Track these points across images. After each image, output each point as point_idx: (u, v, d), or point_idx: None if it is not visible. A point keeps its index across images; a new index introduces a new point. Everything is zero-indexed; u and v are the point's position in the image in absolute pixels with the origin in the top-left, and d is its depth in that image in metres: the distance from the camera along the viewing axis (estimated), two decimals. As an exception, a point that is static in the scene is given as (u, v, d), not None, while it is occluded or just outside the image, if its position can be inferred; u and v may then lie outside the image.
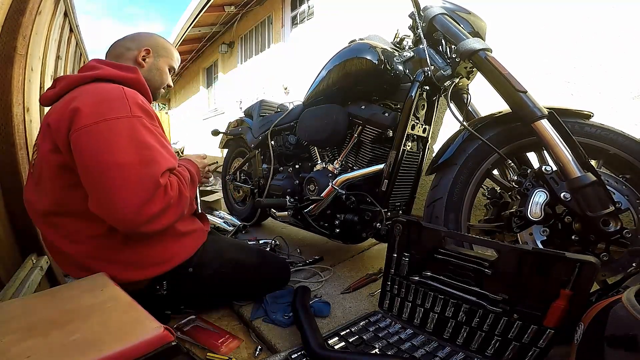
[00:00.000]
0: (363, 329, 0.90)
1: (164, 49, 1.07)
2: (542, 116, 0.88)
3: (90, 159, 0.74)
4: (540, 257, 0.72)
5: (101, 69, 0.90)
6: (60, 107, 0.80)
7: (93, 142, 0.74)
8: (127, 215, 0.74)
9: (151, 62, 1.04)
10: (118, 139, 0.75)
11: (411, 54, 1.24)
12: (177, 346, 0.51)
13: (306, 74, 2.99)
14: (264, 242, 1.65)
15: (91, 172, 0.75)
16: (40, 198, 0.84)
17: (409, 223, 0.94)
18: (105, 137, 0.75)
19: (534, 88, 1.00)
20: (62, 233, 0.84)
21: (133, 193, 0.74)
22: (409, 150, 1.25)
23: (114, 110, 0.78)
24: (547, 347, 0.70)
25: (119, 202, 0.73)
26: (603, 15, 1.44)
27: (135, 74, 0.94)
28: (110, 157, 0.74)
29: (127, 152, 0.75)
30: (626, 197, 0.85)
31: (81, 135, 0.74)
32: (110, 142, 0.75)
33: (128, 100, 0.81)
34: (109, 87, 0.83)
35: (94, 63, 0.93)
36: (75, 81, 0.86)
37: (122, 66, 0.94)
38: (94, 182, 0.75)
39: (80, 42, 2.70)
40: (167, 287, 0.90)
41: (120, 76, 0.90)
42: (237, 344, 0.93)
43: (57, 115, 0.79)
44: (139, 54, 1.01)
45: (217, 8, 4.82)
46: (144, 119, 0.82)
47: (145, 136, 0.80)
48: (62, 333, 0.51)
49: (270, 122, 1.76)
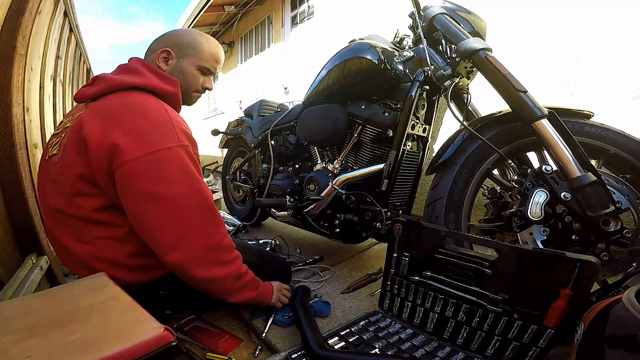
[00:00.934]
0: (363, 329, 0.90)
1: (190, 48, 0.95)
2: (542, 116, 0.88)
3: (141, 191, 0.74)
4: (540, 257, 0.72)
5: (145, 76, 0.86)
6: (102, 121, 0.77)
7: (145, 174, 0.74)
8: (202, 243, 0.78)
9: (173, 64, 0.94)
10: (170, 171, 0.76)
11: (411, 53, 1.24)
12: (177, 346, 0.51)
13: (306, 73, 2.99)
14: (264, 241, 1.65)
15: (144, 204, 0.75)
16: (54, 195, 0.85)
17: (409, 223, 0.94)
18: (158, 169, 0.75)
19: (534, 88, 1.00)
20: (69, 231, 0.84)
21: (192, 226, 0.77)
22: (409, 150, 1.25)
23: (163, 139, 0.76)
24: (547, 347, 0.70)
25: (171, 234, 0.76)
26: (603, 15, 1.43)
27: (175, 88, 0.90)
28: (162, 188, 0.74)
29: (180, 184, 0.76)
30: (626, 197, 0.85)
31: (131, 167, 0.73)
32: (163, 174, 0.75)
33: (174, 126, 0.79)
34: (153, 109, 0.80)
35: (137, 66, 0.88)
36: (116, 85, 0.83)
37: (166, 77, 0.90)
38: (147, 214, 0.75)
39: (80, 41, 2.70)
40: (168, 287, 0.90)
41: (161, 89, 0.87)
42: (237, 344, 0.92)
43: (99, 133, 0.75)
44: (157, 56, 0.93)
45: (217, 8, 4.81)
46: (189, 147, 0.81)
47: (191, 168, 0.80)
48: (62, 333, 0.51)
49: (270, 122, 1.76)
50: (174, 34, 0.98)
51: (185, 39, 0.96)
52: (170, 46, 0.94)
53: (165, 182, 0.75)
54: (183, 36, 0.97)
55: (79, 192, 0.80)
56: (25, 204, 1.16)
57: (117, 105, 0.80)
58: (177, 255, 0.77)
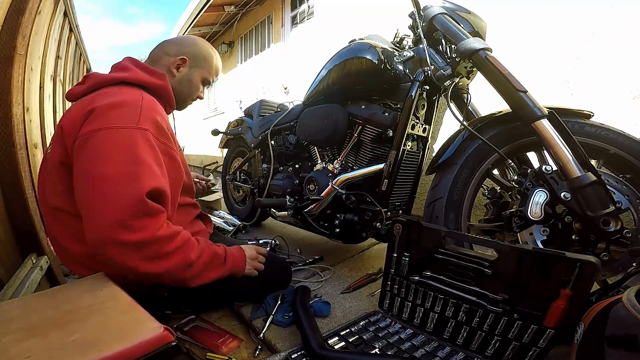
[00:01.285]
0: (363, 329, 0.90)
1: (203, 61, 1.01)
2: (542, 116, 0.88)
3: (81, 167, 0.73)
4: (540, 257, 0.72)
5: (131, 71, 0.87)
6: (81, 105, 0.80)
7: (88, 150, 0.72)
8: (98, 231, 0.69)
9: (185, 72, 0.99)
10: (111, 150, 0.72)
11: (411, 53, 1.24)
12: (177, 346, 0.51)
13: (306, 73, 2.99)
14: (264, 241, 1.65)
15: (79, 179, 0.73)
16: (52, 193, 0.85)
17: (408, 223, 0.94)
18: (100, 147, 0.72)
19: (534, 88, 1.00)
20: (68, 231, 0.84)
21: (109, 209, 0.69)
22: (409, 150, 1.25)
23: (120, 119, 0.75)
24: (547, 347, 0.70)
25: (94, 216, 0.69)
26: (603, 15, 1.43)
27: (163, 81, 0.91)
28: (97, 167, 0.71)
29: (115, 165, 0.71)
30: (626, 197, 0.85)
31: (79, 143, 0.73)
32: (103, 152, 0.72)
33: (142, 110, 0.78)
34: (131, 93, 0.81)
35: (126, 63, 0.91)
36: (103, 81, 0.85)
37: (152, 71, 0.91)
38: (79, 190, 0.73)
39: (80, 41, 2.71)
40: (168, 288, 0.89)
41: (147, 81, 0.88)
42: (237, 344, 0.92)
43: (74, 115, 0.78)
44: (173, 62, 0.96)
45: (217, 8, 4.82)
46: (149, 132, 0.78)
47: (141, 151, 0.75)
48: (62, 333, 0.51)
49: (270, 122, 1.76)
50: (192, 43, 1.01)
51: (203, 51, 1.01)
52: (188, 54, 0.98)
53: (101, 160, 0.71)
54: (201, 47, 1.01)
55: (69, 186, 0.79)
56: (25, 204, 1.16)
57: (100, 93, 0.82)
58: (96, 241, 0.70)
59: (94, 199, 0.70)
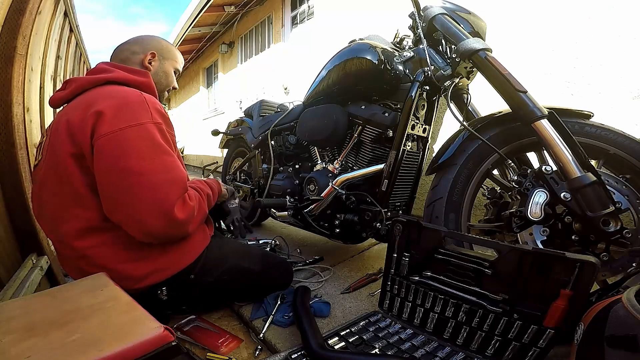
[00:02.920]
0: (363, 329, 0.90)
1: (168, 52, 1.08)
2: (542, 116, 0.88)
3: (114, 165, 0.76)
4: (540, 257, 0.72)
5: (113, 72, 0.90)
6: (81, 107, 0.80)
7: (118, 149, 0.76)
8: (153, 219, 0.76)
9: (157, 65, 1.04)
10: (140, 145, 0.77)
11: (411, 54, 1.24)
12: (177, 346, 0.51)
13: (306, 74, 2.99)
14: (264, 241, 1.65)
15: (114, 178, 0.76)
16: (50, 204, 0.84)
17: (409, 223, 0.94)
18: (129, 144, 0.76)
19: (534, 88, 1.00)
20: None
21: (159, 198, 0.77)
22: (409, 150, 1.25)
23: (136, 116, 0.79)
24: (547, 347, 0.70)
25: (144, 208, 0.76)
26: (603, 15, 1.43)
27: (147, 78, 0.95)
28: (136, 162, 0.76)
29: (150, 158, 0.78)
30: (626, 197, 0.85)
31: (106, 142, 0.76)
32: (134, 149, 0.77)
33: (149, 105, 0.82)
34: (129, 91, 0.83)
35: (103, 66, 0.93)
36: (87, 83, 0.87)
37: (134, 70, 0.95)
38: (117, 188, 0.76)
39: (80, 42, 2.71)
40: (167, 292, 0.89)
41: (133, 80, 0.90)
42: (237, 344, 0.92)
43: (80, 115, 0.78)
44: (144, 57, 1.01)
45: (217, 8, 4.82)
46: (162, 125, 0.84)
47: (163, 143, 0.82)
48: (62, 333, 0.51)
49: (270, 122, 1.76)
50: (152, 38, 1.07)
51: (163, 44, 1.08)
52: (154, 49, 1.04)
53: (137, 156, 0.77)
54: (160, 41, 1.08)
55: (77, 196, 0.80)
56: (25, 204, 1.16)
57: (93, 94, 0.83)
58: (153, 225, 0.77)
59: (140, 191, 0.76)
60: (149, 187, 0.76)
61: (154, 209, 0.76)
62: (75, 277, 0.87)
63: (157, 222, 0.77)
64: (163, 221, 0.77)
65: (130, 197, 0.76)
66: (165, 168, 0.79)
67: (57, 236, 0.86)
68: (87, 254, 0.81)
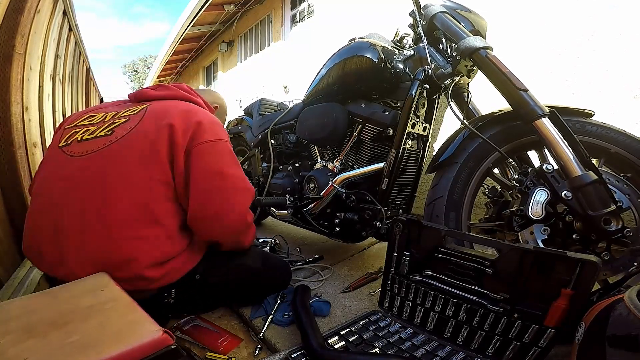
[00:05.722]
0: (363, 328, 0.90)
1: (224, 114, 1.39)
2: (543, 114, 0.87)
3: (212, 166, 0.89)
4: (541, 256, 0.72)
5: (199, 97, 1.09)
6: (182, 115, 0.91)
7: (217, 155, 0.91)
8: (238, 216, 0.93)
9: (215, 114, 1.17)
10: (229, 156, 0.95)
11: (411, 52, 1.24)
12: (176, 350, 0.51)
13: (306, 72, 2.97)
14: (264, 240, 1.64)
15: (210, 176, 0.88)
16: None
17: (409, 222, 0.94)
18: (222, 153, 0.93)
19: (535, 86, 1.00)
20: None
21: (244, 199, 0.95)
22: (409, 148, 1.24)
23: (223, 134, 0.97)
24: (548, 347, 0.69)
25: (229, 205, 0.91)
26: (603, 14, 1.43)
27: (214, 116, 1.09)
28: (228, 169, 0.92)
29: (236, 167, 0.96)
30: (627, 196, 0.85)
31: (206, 148, 0.89)
32: (226, 158, 0.94)
33: (222, 127, 1.01)
34: (212, 114, 1.02)
35: (187, 87, 1.10)
36: (178, 96, 1.03)
37: (208, 105, 1.14)
38: (211, 185, 0.88)
39: (79, 40, 2.70)
40: (175, 295, 0.90)
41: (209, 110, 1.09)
42: (236, 343, 0.92)
43: (182, 120, 0.89)
44: (208, 105, 1.16)
45: (216, 7, 4.81)
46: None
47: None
48: (60, 334, 0.51)
49: (270, 121, 1.76)
50: (220, 97, 1.37)
51: (225, 107, 1.38)
52: (218, 105, 1.29)
53: (228, 164, 0.94)
54: (224, 103, 1.38)
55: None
56: (24, 203, 1.16)
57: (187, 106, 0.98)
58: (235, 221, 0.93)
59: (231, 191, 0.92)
60: (236, 190, 0.93)
61: (236, 208, 0.92)
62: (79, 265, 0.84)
63: (237, 218, 0.93)
64: (241, 219, 0.94)
65: (221, 193, 0.89)
66: (244, 178, 0.97)
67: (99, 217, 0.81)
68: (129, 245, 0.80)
